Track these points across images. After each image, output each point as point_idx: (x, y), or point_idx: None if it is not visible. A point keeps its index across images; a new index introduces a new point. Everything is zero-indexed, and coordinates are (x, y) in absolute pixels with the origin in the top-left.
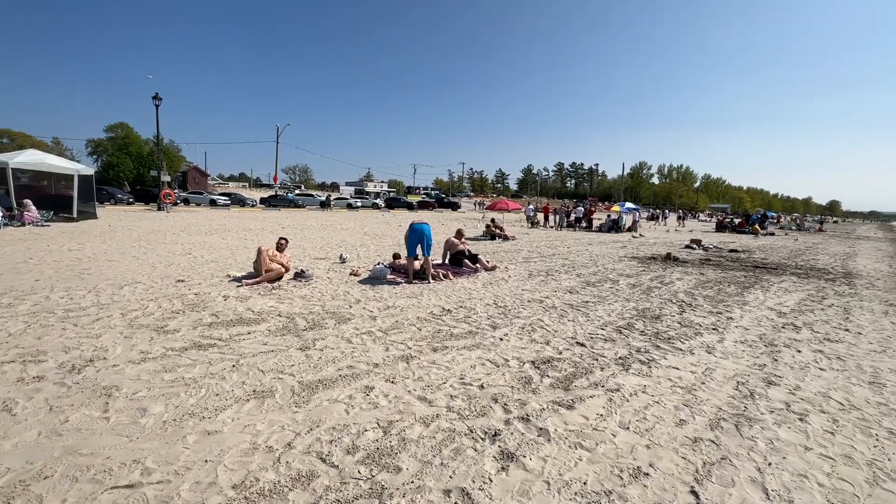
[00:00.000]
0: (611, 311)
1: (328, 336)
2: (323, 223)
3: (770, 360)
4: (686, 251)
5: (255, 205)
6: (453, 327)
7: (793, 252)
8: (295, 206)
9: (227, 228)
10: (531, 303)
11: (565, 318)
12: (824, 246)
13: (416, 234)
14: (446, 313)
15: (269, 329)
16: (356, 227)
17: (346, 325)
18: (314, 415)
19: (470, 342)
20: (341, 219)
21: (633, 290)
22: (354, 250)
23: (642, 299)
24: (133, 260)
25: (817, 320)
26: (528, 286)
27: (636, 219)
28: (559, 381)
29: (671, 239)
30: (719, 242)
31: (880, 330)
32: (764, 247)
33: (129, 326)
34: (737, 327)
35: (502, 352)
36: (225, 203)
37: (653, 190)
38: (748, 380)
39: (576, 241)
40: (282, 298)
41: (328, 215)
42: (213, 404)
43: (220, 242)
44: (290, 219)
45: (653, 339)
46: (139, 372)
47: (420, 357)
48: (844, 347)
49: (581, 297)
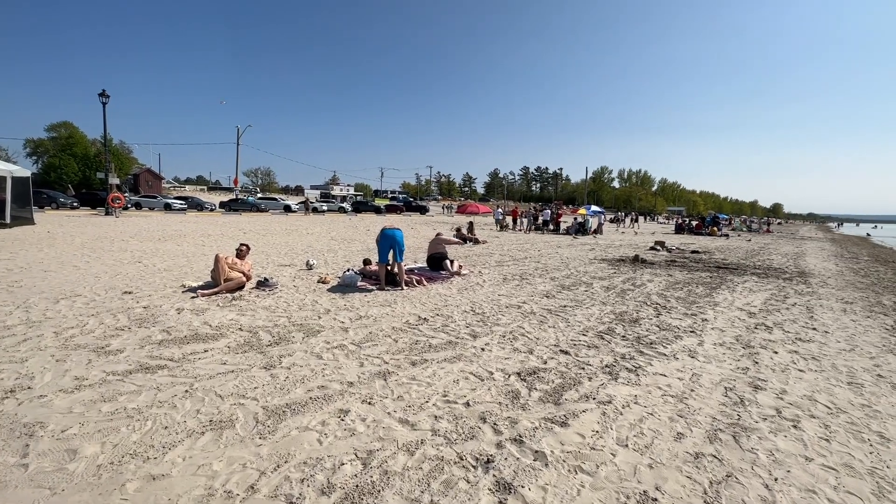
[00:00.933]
0: (589, 316)
1: (296, 352)
2: (287, 228)
3: (751, 362)
4: (651, 253)
5: (213, 209)
6: (431, 337)
7: (748, 252)
8: (257, 211)
9: (182, 234)
10: (509, 308)
11: (545, 324)
12: (775, 246)
13: (387, 240)
14: (423, 322)
15: (228, 346)
16: (323, 231)
17: (316, 338)
18: (282, 447)
19: (450, 353)
20: (307, 223)
21: (608, 293)
22: (322, 256)
23: (618, 302)
24: (74, 270)
25: (785, 320)
26: (504, 291)
27: (601, 221)
28: (548, 394)
29: (636, 241)
30: (681, 244)
31: (844, 328)
32: (721, 248)
33: (62, 347)
34: (713, 329)
35: (485, 363)
36: (181, 207)
37: (614, 194)
38: (735, 385)
39: (545, 243)
40: (243, 310)
41: (293, 219)
42: (160, 440)
43: (175, 249)
44: (252, 223)
45: (635, 344)
46: (71, 403)
47: (398, 373)
48: (816, 347)
49: (558, 301)
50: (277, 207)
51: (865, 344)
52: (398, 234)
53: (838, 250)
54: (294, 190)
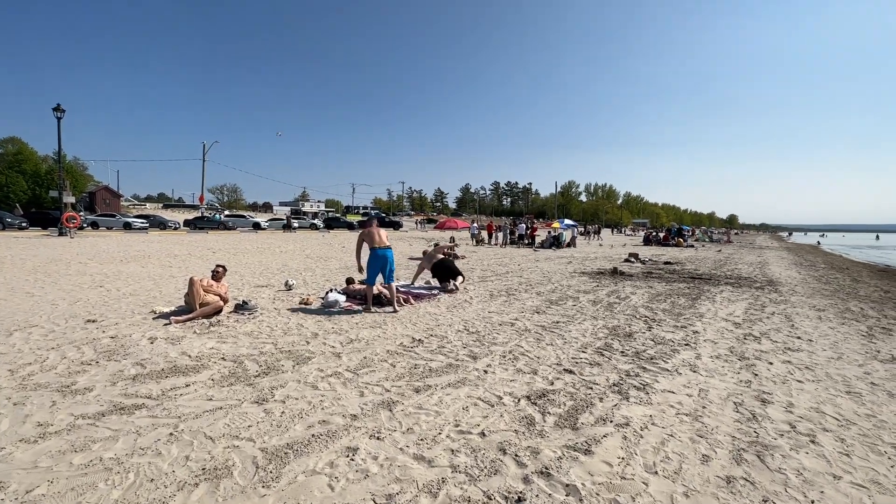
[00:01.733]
0: (584, 331)
1: (288, 382)
2: (259, 246)
3: (751, 374)
4: (627, 265)
5: (178, 227)
6: (430, 360)
7: (716, 262)
8: (225, 228)
9: (146, 255)
10: (502, 326)
11: (542, 341)
12: (738, 256)
13: (379, 261)
14: (417, 344)
15: (212, 378)
16: (296, 249)
17: (307, 366)
18: (289, 496)
19: (453, 377)
20: (279, 241)
21: (597, 308)
22: (299, 275)
23: (608, 316)
24: (27, 297)
25: (770, 329)
26: (493, 308)
27: (574, 234)
28: (563, 418)
29: (610, 253)
30: (653, 255)
31: (825, 336)
32: (690, 258)
33: (20, 388)
34: (706, 341)
35: (491, 387)
36: (142, 226)
37: (582, 207)
38: (743, 399)
39: (523, 257)
40: (223, 337)
41: (264, 237)
42: (147, 496)
43: (140, 272)
44: (220, 242)
45: (636, 359)
46: (35, 455)
47: (403, 401)
48: (806, 356)
49: (549, 317)
50: (246, 225)
51: (850, 351)
52: (390, 254)
53: (796, 259)
54: (262, 207)
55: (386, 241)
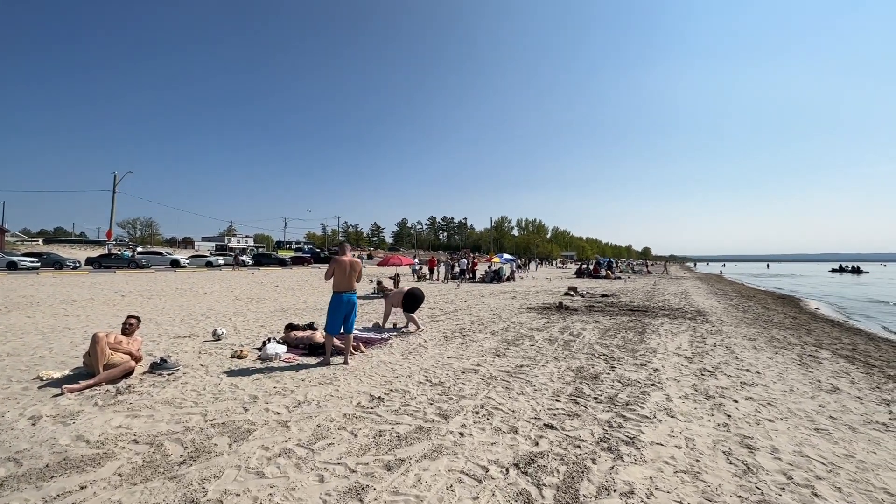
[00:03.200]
0: (550, 375)
1: (224, 470)
2: (179, 287)
3: (723, 416)
4: (568, 299)
5: (78, 267)
6: (395, 424)
7: (646, 294)
8: (137, 267)
9: (35, 301)
10: (466, 374)
11: (511, 390)
12: (662, 286)
13: (343, 307)
14: (378, 403)
15: (119, 473)
16: (223, 289)
17: (248, 442)
18: None
19: (427, 445)
20: (202, 280)
21: (554, 347)
22: (229, 321)
23: (568, 356)
24: None
25: (719, 363)
26: (451, 352)
27: (513, 269)
28: (561, 490)
29: (548, 287)
30: (588, 288)
31: (768, 367)
32: (622, 290)
33: None
34: (668, 380)
35: (472, 454)
36: (31, 265)
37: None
38: (730, 448)
39: (467, 293)
40: (135, 409)
41: (183, 276)
42: None
43: (25, 323)
44: (131, 283)
45: (611, 406)
46: None
47: (374, 485)
48: (763, 391)
49: (511, 360)
50: (163, 263)
51: (796, 383)
52: (355, 299)
53: (710, 288)
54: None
55: (354, 284)
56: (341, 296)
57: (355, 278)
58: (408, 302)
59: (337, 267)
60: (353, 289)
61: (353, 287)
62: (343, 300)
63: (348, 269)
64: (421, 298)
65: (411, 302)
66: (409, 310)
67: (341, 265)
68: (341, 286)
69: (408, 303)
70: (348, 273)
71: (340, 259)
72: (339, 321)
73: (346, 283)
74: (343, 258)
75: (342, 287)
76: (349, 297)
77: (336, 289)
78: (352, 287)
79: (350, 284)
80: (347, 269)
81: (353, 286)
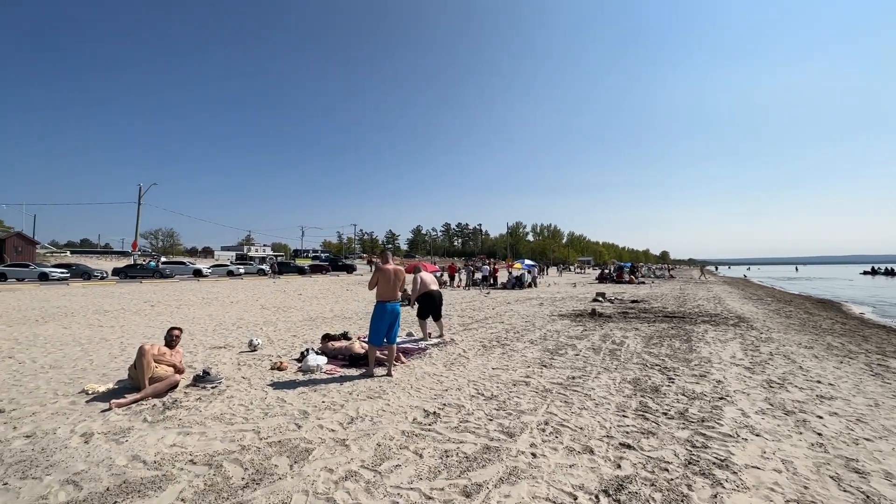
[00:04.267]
0: (607, 388)
1: (292, 495)
2: (205, 297)
3: (811, 434)
4: (598, 304)
5: (105, 277)
6: (460, 442)
7: (676, 299)
8: (161, 277)
9: (69, 312)
10: (517, 386)
11: (572, 405)
12: (690, 291)
13: (388, 316)
14: (434, 419)
15: (183, 498)
16: (248, 298)
17: (310, 464)
18: None
19: (501, 468)
20: (226, 289)
21: (601, 357)
22: (260, 331)
23: (618, 367)
24: None
25: (784, 373)
26: (494, 363)
27: (534, 274)
28: None
29: (573, 293)
30: (614, 293)
31: (840, 378)
32: (650, 295)
33: None
34: (735, 392)
35: (552, 478)
36: (62, 276)
37: (530, 247)
38: (836, 472)
39: (491, 300)
40: (186, 425)
41: (207, 286)
42: None
43: (62, 334)
44: (158, 293)
45: (685, 423)
46: None
47: None
48: (845, 405)
49: (559, 371)
50: (186, 272)
51: (878, 396)
52: (399, 308)
53: (742, 292)
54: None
55: (398, 293)
56: (385, 305)
57: (399, 287)
58: (425, 305)
59: (381, 276)
60: (398, 298)
61: (398, 296)
62: (387, 309)
63: (392, 277)
64: (438, 309)
65: (428, 308)
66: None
67: (385, 274)
68: (385, 295)
69: (425, 306)
70: (392, 282)
71: (385, 268)
72: (383, 331)
73: (390, 293)
74: (387, 267)
75: (386, 296)
76: (393, 307)
77: (380, 298)
78: (396, 296)
79: (394, 293)
80: (392, 277)
81: (396, 295)
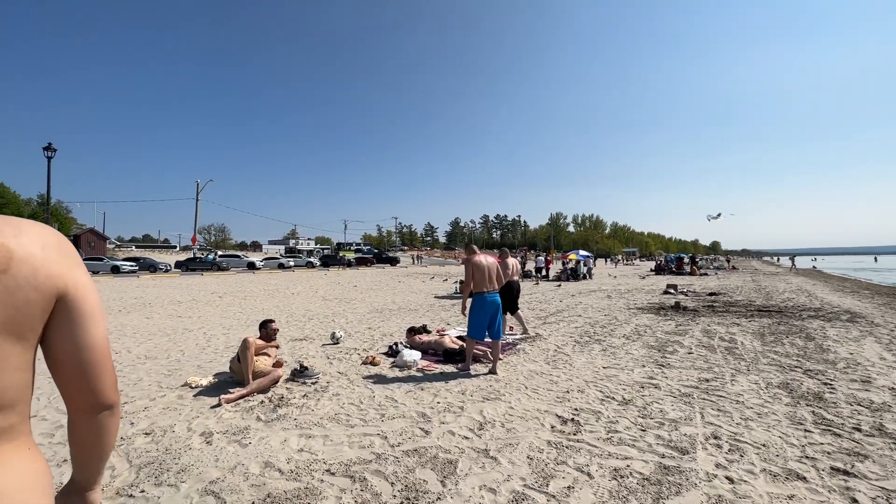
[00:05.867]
0: (756, 394)
1: None
2: (266, 288)
3: None
4: (669, 297)
5: (168, 270)
6: (625, 459)
7: (757, 291)
8: (218, 269)
9: (146, 303)
10: (646, 389)
11: (729, 414)
12: (766, 283)
13: (488, 307)
14: (575, 427)
15: None
16: (307, 290)
17: (463, 480)
18: None
19: (700, 497)
20: (284, 281)
21: (721, 356)
22: (333, 323)
23: (751, 368)
24: None
25: None
26: (599, 360)
27: (590, 266)
28: None
29: (639, 284)
30: (683, 286)
31: None
32: (724, 287)
33: None
34: None
35: None
36: (131, 269)
37: (571, 238)
38: None
39: (552, 292)
40: (304, 426)
41: (262, 278)
42: None
43: (146, 324)
44: (220, 285)
45: (892, 441)
46: None
47: None
48: None
49: (683, 371)
50: (240, 265)
51: None
52: (499, 300)
53: (827, 285)
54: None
55: (497, 284)
56: (484, 296)
57: (495, 276)
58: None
59: (476, 268)
60: (496, 288)
61: (496, 286)
62: (486, 300)
63: (486, 267)
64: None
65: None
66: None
67: (479, 266)
68: (482, 285)
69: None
70: (487, 272)
71: (475, 259)
72: (484, 324)
73: (487, 282)
74: (477, 257)
75: (482, 286)
76: (493, 298)
77: (477, 289)
78: (494, 286)
79: (492, 283)
80: (485, 267)
81: (494, 286)
